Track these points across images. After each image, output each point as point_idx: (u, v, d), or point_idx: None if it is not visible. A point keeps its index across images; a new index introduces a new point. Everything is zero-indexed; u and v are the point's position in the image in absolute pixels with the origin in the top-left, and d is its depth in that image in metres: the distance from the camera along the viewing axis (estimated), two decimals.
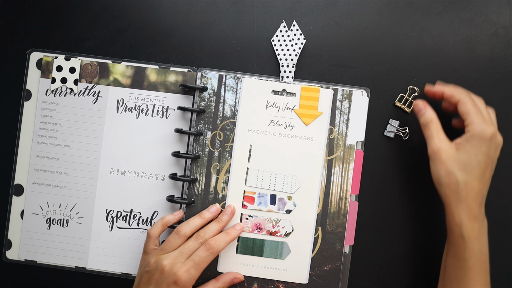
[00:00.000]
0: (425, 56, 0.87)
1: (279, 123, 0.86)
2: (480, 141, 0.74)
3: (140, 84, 0.88)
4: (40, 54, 0.89)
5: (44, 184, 0.89)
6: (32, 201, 0.89)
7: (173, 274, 0.75)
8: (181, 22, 0.89)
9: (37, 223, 0.89)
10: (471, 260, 0.74)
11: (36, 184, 0.89)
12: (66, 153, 0.88)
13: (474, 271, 0.74)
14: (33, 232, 0.89)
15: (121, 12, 0.90)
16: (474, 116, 0.75)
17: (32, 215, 0.89)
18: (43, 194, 0.89)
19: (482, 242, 0.75)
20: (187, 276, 0.75)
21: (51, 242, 0.88)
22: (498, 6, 0.87)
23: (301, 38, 0.88)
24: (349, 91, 0.86)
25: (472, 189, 0.74)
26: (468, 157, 0.74)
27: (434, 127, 0.78)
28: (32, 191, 0.89)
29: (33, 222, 0.89)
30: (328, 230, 0.85)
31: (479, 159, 0.74)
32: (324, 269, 0.85)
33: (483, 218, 0.77)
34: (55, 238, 0.88)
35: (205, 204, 0.86)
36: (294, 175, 0.85)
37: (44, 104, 0.89)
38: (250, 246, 0.85)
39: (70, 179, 0.88)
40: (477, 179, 0.74)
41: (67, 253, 0.88)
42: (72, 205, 0.88)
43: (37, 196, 0.89)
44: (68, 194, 0.88)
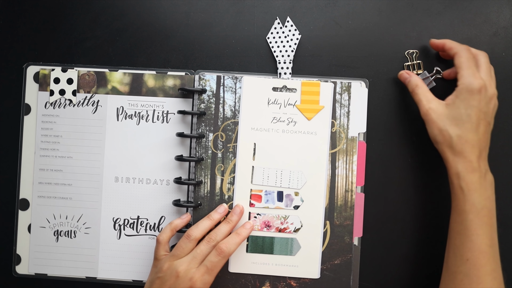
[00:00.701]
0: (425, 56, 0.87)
1: (282, 119, 0.86)
2: (469, 94, 0.75)
3: (138, 90, 0.87)
4: (37, 67, 0.88)
5: (49, 197, 0.88)
6: (39, 215, 0.88)
7: (188, 279, 0.75)
8: (181, 22, 0.89)
9: (45, 236, 0.88)
10: (471, 213, 0.74)
11: (41, 197, 0.88)
12: (69, 165, 0.88)
13: (475, 225, 0.74)
14: (41, 245, 0.88)
15: (121, 12, 0.89)
16: (464, 69, 0.77)
17: (39, 229, 0.88)
18: (49, 207, 0.88)
19: (484, 195, 0.75)
20: (202, 281, 0.76)
21: (60, 254, 0.88)
22: (498, 6, 0.88)
23: (296, 33, 0.87)
24: (348, 83, 0.86)
25: (466, 142, 0.75)
26: (457, 112, 0.75)
27: (421, 91, 0.80)
28: (37, 205, 0.88)
29: (41, 236, 0.88)
30: (336, 224, 0.86)
31: (469, 113, 0.75)
32: (335, 262, 0.86)
33: (485, 172, 0.77)
34: (64, 250, 0.88)
35: (212, 206, 0.86)
36: (300, 171, 0.86)
37: (44, 117, 0.88)
38: (260, 244, 0.86)
39: (75, 190, 0.88)
40: (471, 132, 0.75)
41: (77, 264, 0.87)
42: (78, 216, 0.88)
43: (43, 209, 0.88)
44: (74, 205, 0.88)
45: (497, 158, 0.87)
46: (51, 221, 0.88)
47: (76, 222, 0.88)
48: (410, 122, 0.87)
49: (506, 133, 0.87)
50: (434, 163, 0.86)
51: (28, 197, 0.88)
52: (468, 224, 0.74)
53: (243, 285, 0.86)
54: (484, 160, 0.77)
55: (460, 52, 0.78)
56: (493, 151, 0.86)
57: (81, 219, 0.88)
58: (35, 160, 0.88)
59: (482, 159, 0.76)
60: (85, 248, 0.87)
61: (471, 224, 0.74)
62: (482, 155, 0.76)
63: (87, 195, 0.88)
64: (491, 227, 0.76)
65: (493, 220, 0.77)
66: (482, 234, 0.74)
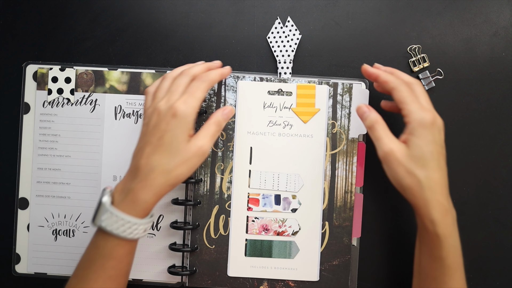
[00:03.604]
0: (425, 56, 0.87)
1: (278, 123, 0.86)
2: (424, 130, 0.70)
3: (136, 89, 0.87)
4: (36, 66, 0.88)
5: (47, 196, 0.88)
6: (37, 214, 0.88)
7: (168, 108, 0.71)
8: (181, 22, 0.89)
9: (43, 236, 0.88)
10: (448, 258, 0.71)
11: (40, 196, 0.88)
12: (68, 164, 0.88)
13: (453, 270, 0.71)
14: (40, 244, 0.88)
15: (121, 12, 0.89)
16: (411, 105, 0.72)
17: (38, 228, 0.88)
18: (48, 206, 0.88)
19: (456, 236, 0.72)
20: (184, 105, 0.71)
21: (59, 253, 0.88)
22: (498, 6, 0.88)
23: (297, 33, 0.87)
24: (349, 84, 0.85)
25: (436, 183, 0.70)
26: (419, 151, 0.70)
27: (381, 127, 0.74)
28: (36, 204, 0.88)
29: (40, 235, 0.88)
30: (335, 225, 0.86)
31: (430, 149, 0.70)
32: (333, 263, 0.86)
33: (452, 209, 0.73)
34: (62, 249, 0.88)
35: (211, 205, 0.86)
36: (297, 174, 0.86)
37: (42, 116, 0.88)
38: (258, 247, 0.86)
39: (73, 189, 0.88)
40: (436, 171, 0.70)
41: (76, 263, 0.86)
42: (77, 215, 0.88)
43: (41, 208, 0.88)
44: (72, 204, 0.88)
45: (497, 158, 0.87)
46: (50, 221, 0.88)
47: (74, 221, 0.88)
48: None
49: (506, 133, 0.86)
50: None
51: (28, 196, 0.88)
52: (445, 270, 0.71)
53: (241, 284, 0.86)
54: (449, 196, 0.73)
55: (400, 87, 0.74)
56: (493, 151, 0.86)
57: (79, 218, 0.88)
58: (33, 159, 0.88)
59: (448, 197, 0.72)
60: (84, 247, 0.84)
61: (448, 270, 0.71)
62: (447, 193, 0.72)
63: (85, 194, 0.88)
64: (462, 266, 0.73)
65: (462, 257, 0.73)
66: (457, 277, 0.72)
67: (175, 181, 0.71)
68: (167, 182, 0.70)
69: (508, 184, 0.87)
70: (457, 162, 0.87)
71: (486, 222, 0.87)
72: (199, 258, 0.86)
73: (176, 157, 0.70)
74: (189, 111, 0.71)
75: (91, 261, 0.71)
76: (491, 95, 0.87)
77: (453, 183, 0.85)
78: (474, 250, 0.87)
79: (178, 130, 0.71)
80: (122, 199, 0.70)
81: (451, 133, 0.86)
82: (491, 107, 0.86)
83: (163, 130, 0.71)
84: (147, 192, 0.70)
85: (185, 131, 0.71)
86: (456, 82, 0.87)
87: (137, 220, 0.70)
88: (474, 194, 0.87)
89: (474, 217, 0.87)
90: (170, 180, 0.71)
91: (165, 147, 0.70)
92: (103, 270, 0.70)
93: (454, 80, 0.87)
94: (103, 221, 0.69)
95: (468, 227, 0.87)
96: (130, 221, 0.69)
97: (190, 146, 0.71)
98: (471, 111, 0.87)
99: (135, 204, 0.70)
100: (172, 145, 0.70)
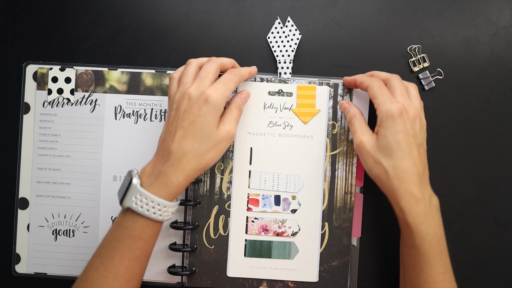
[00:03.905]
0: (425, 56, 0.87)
1: (278, 123, 0.85)
2: (390, 121, 0.72)
3: (136, 89, 0.87)
4: (36, 66, 0.88)
5: (47, 196, 0.88)
6: (37, 214, 0.88)
7: (200, 93, 0.73)
8: (181, 22, 0.89)
9: (43, 236, 0.88)
10: (422, 246, 0.71)
11: (40, 196, 0.88)
12: (68, 164, 0.88)
13: (428, 257, 0.72)
14: (40, 244, 0.88)
15: (121, 12, 0.89)
16: (379, 98, 0.74)
17: (38, 228, 0.88)
18: (47, 206, 0.88)
19: (432, 225, 0.72)
20: (217, 93, 0.73)
21: (59, 253, 0.88)
22: (498, 6, 0.88)
23: (297, 33, 0.87)
24: None
25: (404, 172, 0.71)
26: (386, 141, 0.72)
27: (357, 121, 0.78)
28: (36, 204, 0.88)
29: (40, 235, 0.88)
30: (335, 225, 0.86)
31: (397, 139, 0.71)
32: (332, 264, 0.86)
33: (430, 198, 0.73)
34: (62, 249, 0.88)
35: (211, 205, 0.86)
36: (297, 175, 0.85)
37: (42, 116, 0.88)
38: (258, 248, 0.86)
39: (73, 189, 0.88)
40: (404, 159, 0.71)
41: (76, 263, 0.87)
42: (77, 215, 0.88)
43: (41, 208, 0.88)
44: (72, 204, 0.88)
45: (497, 158, 0.86)
46: (50, 221, 0.88)
47: (74, 221, 0.88)
48: None
49: (506, 133, 0.86)
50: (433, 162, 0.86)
51: (28, 196, 0.88)
52: (421, 257, 0.72)
53: (241, 284, 0.86)
54: (426, 185, 0.73)
55: (371, 84, 0.77)
56: (493, 151, 0.86)
57: (79, 218, 0.88)
58: (33, 159, 0.88)
59: (423, 185, 0.72)
60: (84, 247, 0.87)
61: (423, 258, 0.72)
62: (422, 181, 0.72)
63: (85, 194, 0.87)
64: (443, 254, 0.74)
65: (444, 246, 0.74)
66: (435, 265, 0.72)
67: (206, 165, 0.74)
68: (199, 166, 0.73)
69: (508, 184, 0.87)
70: (457, 162, 0.87)
71: (486, 222, 0.87)
72: (198, 258, 0.86)
73: (207, 142, 0.73)
74: (221, 98, 0.73)
75: (117, 241, 0.72)
76: (491, 95, 0.87)
77: (453, 183, 0.85)
78: (474, 250, 0.87)
79: (210, 116, 0.72)
80: (152, 181, 0.72)
81: (451, 133, 0.86)
82: (491, 107, 0.86)
83: (195, 115, 0.72)
84: (179, 175, 0.72)
85: (216, 118, 0.73)
86: (456, 82, 0.87)
87: (168, 203, 0.72)
88: (474, 194, 0.87)
89: (474, 217, 0.87)
90: (201, 165, 0.73)
91: (197, 132, 0.72)
92: (130, 250, 0.71)
93: (454, 80, 0.87)
94: (134, 202, 0.71)
95: (468, 227, 0.87)
96: (161, 203, 0.71)
97: (219, 131, 0.74)
98: (471, 111, 0.87)
99: (166, 187, 0.71)
100: (204, 130, 0.72)
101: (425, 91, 0.87)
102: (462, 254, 0.87)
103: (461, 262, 0.87)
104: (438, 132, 0.87)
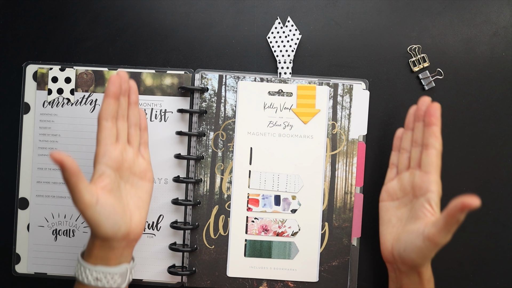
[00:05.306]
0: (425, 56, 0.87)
1: (278, 123, 0.86)
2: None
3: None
4: (36, 66, 0.88)
5: (47, 196, 0.88)
6: (37, 214, 0.88)
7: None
8: (180, 22, 0.89)
9: (43, 235, 0.88)
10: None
11: (40, 196, 0.88)
12: None
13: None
14: (40, 244, 0.88)
15: (121, 12, 0.89)
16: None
17: (38, 228, 0.88)
18: (47, 206, 0.88)
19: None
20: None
21: (59, 253, 0.88)
22: (498, 6, 0.88)
23: (297, 33, 0.87)
24: (350, 85, 0.86)
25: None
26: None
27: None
28: (36, 204, 0.88)
29: (40, 235, 0.88)
30: (335, 225, 0.86)
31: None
32: (332, 264, 0.86)
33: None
34: (62, 249, 0.88)
35: (211, 205, 0.86)
36: (297, 174, 0.86)
37: (42, 116, 0.88)
38: (258, 248, 0.86)
39: None
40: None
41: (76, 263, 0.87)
42: (77, 215, 0.88)
43: (41, 208, 0.88)
44: (72, 204, 0.87)
45: (497, 158, 0.86)
46: (50, 220, 0.88)
47: (74, 221, 0.88)
48: None
49: (506, 133, 0.86)
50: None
51: (28, 196, 0.88)
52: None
53: (241, 284, 0.86)
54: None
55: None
56: (493, 151, 0.86)
57: (79, 218, 0.87)
58: (33, 159, 0.88)
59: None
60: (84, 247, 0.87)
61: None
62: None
63: None
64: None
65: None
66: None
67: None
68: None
69: (508, 184, 0.87)
70: (457, 162, 0.87)
71: (486, 222, 0.87)
72: (198, 258, 0.86)
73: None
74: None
75: None
76: (491, 95, 0.87)
77: (453, 183, 0.85)
78: (474, 250, 0.87)
79: None
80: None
81: (451, 133, 0.86)
82: (491, 107, 0.86)
83: None
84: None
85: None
86: (456, 82, 0.87)
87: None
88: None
89: (474, 217, 0.87)
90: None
91: None
92: None
93: (454, 80, 0.87)
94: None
95: (468, 227, 0.87)
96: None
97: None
98: (471, 111, 0.87)
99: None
100: None
101: (425, 91, 0.87)
102: (462, 254, 0.87)
103: (461, 262, 0.87)
104: None
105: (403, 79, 0.87)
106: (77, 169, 0.63)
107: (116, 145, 0.71)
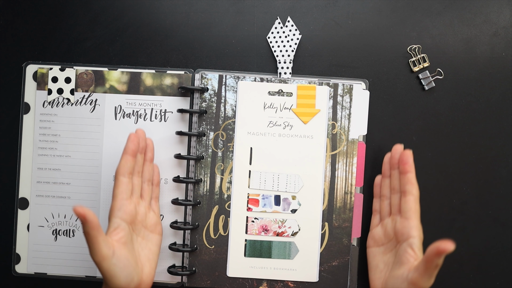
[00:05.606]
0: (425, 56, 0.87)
1: (278, 123, 0.85)
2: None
3: (136, 89, 0.87)
4: (36, 66, 0.88)
5: (47, 196, 0.88)
6: (37, 214, 0.88)
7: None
8: (180, 22, 0.89)
9: (43, 236, 0.88)
10: None
11: (40, 196, 0.88)
12: (68, 164, 0.88)
13: None
14: (40, 244, 0.88)
15: (121, 12, 0.89)
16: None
17: (38, 228, 0.88)
18: (47, 206, 0.88)
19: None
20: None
21: (59, 253, 0.88)
22: (498, 6, 0.88)
23: (297, 33, 0.87)
24: (350, 85, 0.86)
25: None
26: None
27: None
28: (36, 204, 0.88)
29: (40, 235, 0.88)
30: (335, 225, 0.86)
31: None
32: (332, 264, 0.86)
33: None
34: (62, 249, 0.88)
35: (211, 205, 0.86)
36: (297, 175, 0.85)
37: (42, 116, 0.88)
38: (258, 248, 0.86)
39: (73, 189, 0.88)
40: None
41: (76, 263, 0.87)
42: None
43: (41, 208, 0.88)
44: (72, 204, 0.87)
45: (497, 158, 0.86)
46: (50, 221, 0.88)
47: (74, 221, 0.88)
48: (410, 121, 0.87)
49: (506, 133, 0.86)
50: (433, 162, 0.86)
51: (28, 196, 0.88)
52: None
53: (240, 284, 0.86)
54: None
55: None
56: (493, 151, 0.86)
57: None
58: (33, 159, 0.88)
59: None
60: (84, 247, 0.87)
61: None
62: None
63: (85, 194, 0.87)
64: None
65: None
66: None
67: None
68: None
69: (508, 184, 0.87)
70: (457, 162, 0.87)
71: (486, 222, 0.87)
72: (198, 258, 0.86)
73: None
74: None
75: None
76: (491, 95, 0.87)
77: (453, 183, 0.85)
78: (474, 250, 0.87)
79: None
80: None
81: (451, 133, 0.86)
82: (491, 107, 0.86)
83: None
84: None
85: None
86: (456, 82, 0.87)
87: None
88: (474, 194, 0.87)
89: (474, 217, 0.87)
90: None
91: None
92: None
93: (454, 80, 0.87)
94: None
95: (468, 227, 0.87)
96: None
97: None
98: (471, 111, 0.87)
99: None
100: None
101: (425, 91, 0.87)
102: (462, 254, 0.87)
103: (461, 262, 0.87)
104: (438, 132, 0.87)
105: (403, 79, 0.87)
106: (97, 223, 0.66)
107: (131, 199, 0.77)
